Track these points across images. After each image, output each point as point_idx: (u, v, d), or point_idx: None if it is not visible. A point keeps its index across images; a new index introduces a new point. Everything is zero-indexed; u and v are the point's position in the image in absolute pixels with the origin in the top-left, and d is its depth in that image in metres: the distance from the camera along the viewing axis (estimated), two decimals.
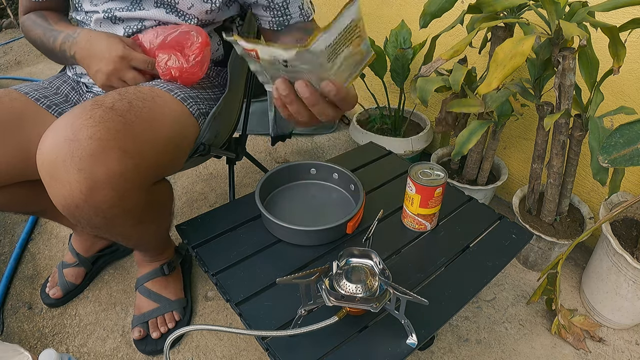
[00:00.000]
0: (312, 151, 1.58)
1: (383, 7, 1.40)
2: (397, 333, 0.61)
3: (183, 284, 1.00)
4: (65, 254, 1.07)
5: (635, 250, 0.88)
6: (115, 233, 0.70)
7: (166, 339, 0.62)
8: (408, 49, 1.22)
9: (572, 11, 0.80)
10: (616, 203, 0.96)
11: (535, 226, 1.01)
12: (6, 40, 2.68)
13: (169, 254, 0.97)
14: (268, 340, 0.61)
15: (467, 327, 0.96)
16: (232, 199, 1.15)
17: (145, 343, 0.90)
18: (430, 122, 1.39)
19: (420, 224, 0.79)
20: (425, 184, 0.74)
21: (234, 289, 0.69)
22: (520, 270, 1.10)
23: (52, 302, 1.00)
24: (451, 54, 0.80)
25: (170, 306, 0.94)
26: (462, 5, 1.07)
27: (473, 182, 1.19)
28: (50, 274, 1.05)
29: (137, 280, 0.96)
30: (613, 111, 0.86)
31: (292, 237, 0.77)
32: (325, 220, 0.76)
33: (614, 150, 0.70)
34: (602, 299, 0.94)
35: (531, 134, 1.17)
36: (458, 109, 0.98)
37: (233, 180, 1.14)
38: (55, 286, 1.01)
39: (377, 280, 0.61)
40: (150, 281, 0.94)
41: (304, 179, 0.92)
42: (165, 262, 0.95)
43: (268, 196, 0.88)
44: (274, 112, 1.12)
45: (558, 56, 0.81)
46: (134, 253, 0.96)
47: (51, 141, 0.56)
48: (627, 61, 0.89)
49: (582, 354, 0.91)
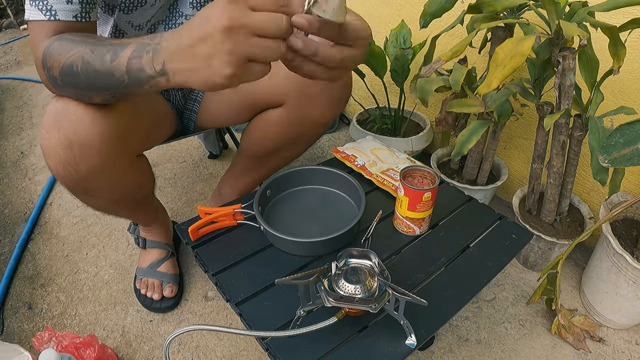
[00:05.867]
0: (311, 151, 1.58)
1: (383, 7, 1.40)
2: (396, 333, 0.61)
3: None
4: (140, 260, 1.05)
5: (635, 250, 0.88)
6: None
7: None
8: (408, 49, 1.21)
9: (572, 11, 0.80)
10: (616, 203, 0.96)
11: (535, 226, 1.01)
12: (6, 40, 2.68)
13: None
14: (268, 340, 0.61)
15: (467, 327, 0.96)
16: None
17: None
18: (430, 122, 1.39)
19: (409, 228, 0.79)
20: (413, 188, 0.73)
21: (234, 289, 0.69)
22: (520, 270, 1.10)
23: (173, 301, 1.00)
24: (451, 55, 0.80)
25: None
26: (462, 5, 1.07)
27: (473, 182, 1.19)
28: (139, 289, 1.02)
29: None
30: (613, 111, 0.86)
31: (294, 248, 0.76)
32: (327, 227, 0.75)
33: (614, 150, 0.70)
34: (602, 299, 0.94)
35: (531, 134, 1.17)
36: (458, 109, 0.98)
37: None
38: (160, 287, 1.00)
39: (376, 280, 0.61)
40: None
41: (303, 185, 0.91)
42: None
43: (267, 205, 0.86)
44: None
45: (558, 56, 0.81)
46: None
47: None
48: (627, 61, 0.89)
49: (582, 354, 0.91)
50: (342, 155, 0.99)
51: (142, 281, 1.02)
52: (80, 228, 1.23)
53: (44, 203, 1.32)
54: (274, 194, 0.87)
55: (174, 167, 1.48)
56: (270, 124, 0.90)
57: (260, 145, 0.95)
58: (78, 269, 1.11)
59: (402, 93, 1.33)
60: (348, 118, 1.75)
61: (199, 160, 1.52)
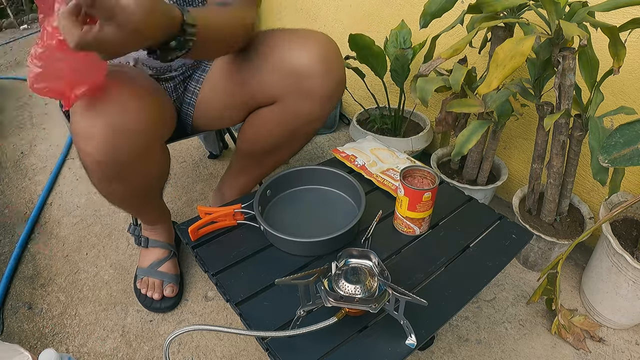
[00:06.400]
0: (311, 151, 1.58)
1: (383, 7, 1.40)
2: (396, 333, 0.61)
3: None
4: (141, 260, 1.05)
5: (635, 250, 0.88)
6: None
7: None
8: (408, 49, 1.21)
9: (572, 11, 0.80)
10: (616, 203, 0.96)
11: (535, 226, 1.01)
12: (6, 40, 2.68)
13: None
14: (268, 340, 0.61)
15: (467, 327, 0.96)
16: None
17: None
18: (430, 122, 1.39)
19: (409, 228, 0.79)
20: (413, 188, 0.73)
21: (233, 289, 0.69)
22: (520, 270, 1.10)
23: (173, 301, 1.00)
24: (451, 52, 0.79)
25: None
26: (462, 5, 1.06)
27: (473, 182, 1.19)
28: (139, 289, 1.02)
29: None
30: (613, 111, 0.86)
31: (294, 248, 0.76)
32: (327, 227, 0.75)
33: (614, 150, 0.70)
34: (602, 299, 0.94)
35: (531, 134, 1.17)
36: (458, 109, 0.98)
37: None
38: (161, 287, 1.00)
39: (376, 280, 0.61)
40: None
41: (302, 185, 0.91)
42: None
43: (267, 205, 0.86)
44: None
45: (558, 56, 0.81)
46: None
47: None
48: (627, 61, 0.89)
49: (582, 354, 0.91)
50: (342, 155, 0.99)
51: (143, 281, 1.02)
52: (80, 228, 1.23)
53: (44, 203, 1.32)
54: (274, 194, 0.87)
55: (174, 167, 1.49)
56: (264, 121, 0.90)
57: (256, 143, 0.95)
58: (78, 269, 1.11)
59: (402, 93, 1.33)
60: (348, 118, 1.75)
61: (199, 160, 1.52)
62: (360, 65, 1.30)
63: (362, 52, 1.23)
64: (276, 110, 0.87)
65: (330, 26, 1.62)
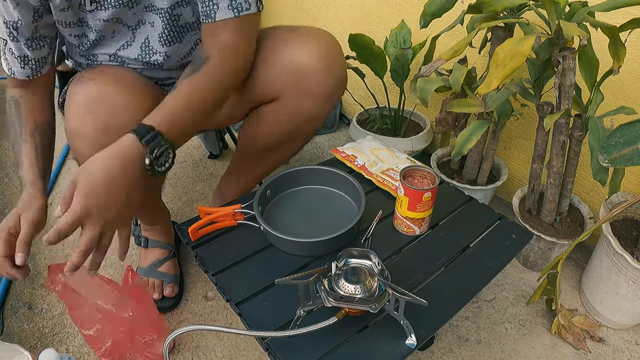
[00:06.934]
0: (311, 151, 1.58)
1: (383, 7, 1.40)
2: (396, 333, 0.61)
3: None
4: (141, 260, 1.05)
5: (635, 250, 0.88)
6: None
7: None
8: (408, 49, 1.21)
9: (572, 11, 0.80)
10: (616, 203, 0.96)
11: (535, 226, 1.01)
12: None
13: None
14: (268, 340, 0.61)
15: (467, 327, 0.96)
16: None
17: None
18: (430, 122, 1.39)
19: (409, 228, 0.79)
20: (413, 188, 0.73)
21: (233, 289, 0.69)
22: (520, 270, 1.10)
23: (173, 301, 1.00)
24: (451, 54, 0.79)
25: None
26: (462, 5, 1.06)
27: (473, 182, 1.19)
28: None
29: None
30: (613, 111, 0.86)
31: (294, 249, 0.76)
32: (327, 227, 0.75)
33: (614, 150, 0.70)
34: (602, 299, 0.94)
35: (531, 134, 1.17)
36: (458, 109, 0.98)
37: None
38: (161, 287, 1.00)
39: (376, 280, 0.61)
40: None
41: (302, 185, 0.90)
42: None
43: (267, 205, 0.86)
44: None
45: (558, 56, 0.81)
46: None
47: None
48: (627, 61, 0.89)
49: (582, 354, 0.91)
50: (342, 155, 0.99)
51: (143, 281, 1.02)
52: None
53: None
54: (273, 194, 0.87)
55: (174, 167, 1.48)
56: (265, 119, 0.90)
57: (257, 141, 0.95)
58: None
59: (402, 93, 1.33)
60: (348, 118, 1.75)
61: (199, 160, 1.52)
62: (360, 65, 1.30)
63: (362, 52, 1.23)
64: (277, 107, 0.87)
65: (330, 26, 1.62)
